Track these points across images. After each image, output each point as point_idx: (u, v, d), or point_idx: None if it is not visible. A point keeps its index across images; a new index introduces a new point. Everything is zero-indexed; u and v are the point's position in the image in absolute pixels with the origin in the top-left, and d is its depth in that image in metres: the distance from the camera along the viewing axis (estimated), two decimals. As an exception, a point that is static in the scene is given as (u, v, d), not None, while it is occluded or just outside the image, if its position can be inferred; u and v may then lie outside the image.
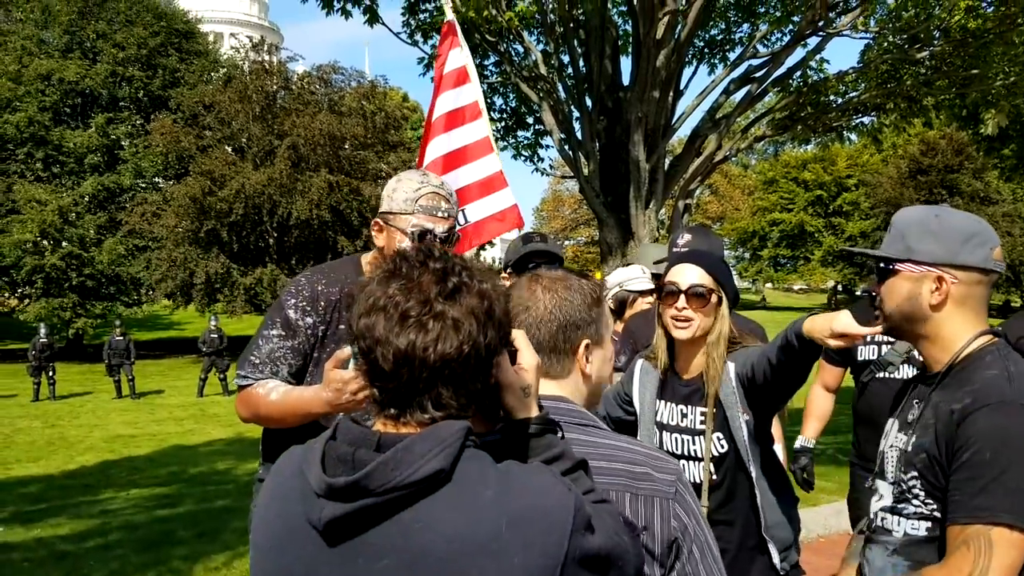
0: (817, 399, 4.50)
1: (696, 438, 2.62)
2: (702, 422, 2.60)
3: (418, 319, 1.19)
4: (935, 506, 1.82)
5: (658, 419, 2.72)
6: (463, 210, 4.63)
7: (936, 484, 1.80)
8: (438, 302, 1.20)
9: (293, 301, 2.50)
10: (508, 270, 3.42)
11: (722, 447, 2.59)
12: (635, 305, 4.29)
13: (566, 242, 59.02)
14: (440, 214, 2.46)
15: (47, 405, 18.56)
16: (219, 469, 10.81)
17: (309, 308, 2.49)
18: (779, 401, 2.65)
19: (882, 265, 1.93)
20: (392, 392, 1.23)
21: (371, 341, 1.21)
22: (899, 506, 1.90)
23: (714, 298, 2.59)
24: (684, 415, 2.65)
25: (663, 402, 2.72)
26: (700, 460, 2.63)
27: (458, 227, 4.59)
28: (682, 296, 2.57)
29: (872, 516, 2.02)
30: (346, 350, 2.09)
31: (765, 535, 2.58)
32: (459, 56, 4.85)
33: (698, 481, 2.62)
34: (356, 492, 1.16)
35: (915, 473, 1.84)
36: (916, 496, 1.85)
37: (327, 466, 1.22)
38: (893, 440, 1.99)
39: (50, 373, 19.57)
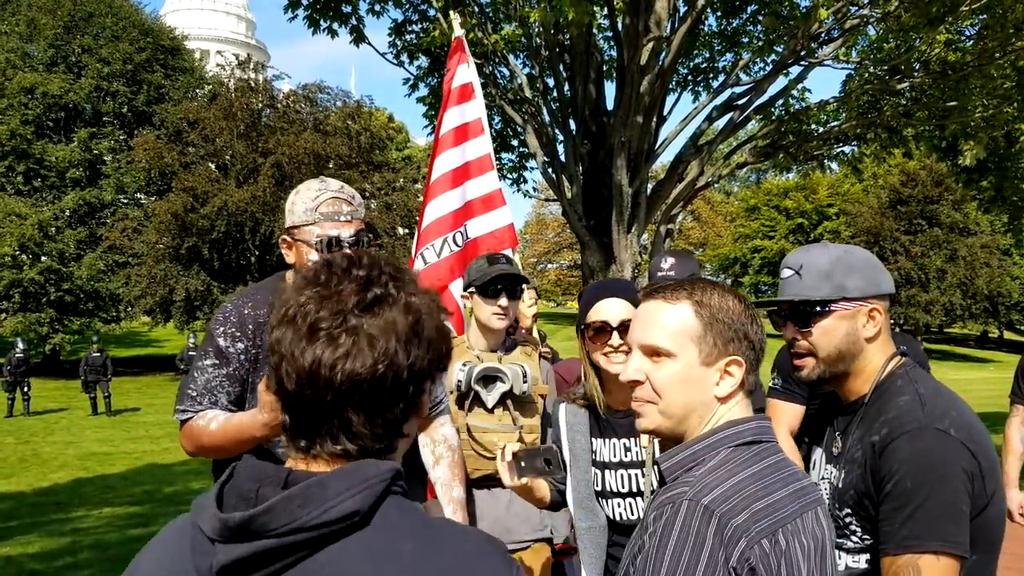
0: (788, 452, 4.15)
1: (645, 470, 2.49)
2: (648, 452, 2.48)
3: (328, 332, 1.04)
4: (871, 541, 1.83)
5: (597, 459, 2.56)
6: (465, 225, 4.60)
7: (869, 517, 1.82)
8: (353, 314, 1.05)
9: (221, 329, 2.41)
10: (471, 290, 3.12)
11: None
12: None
13: (549, 265, 59.10)
14: (343, 218, 2.36)
15: (21, 421, 18.29)
16: (194, 489, 10.67)
17: (239, 333, 2.40)
18: None
19: (817, 309, 1.90)
20: (299, 417, 1.08)
21: (278, 356, 1.07)
22: (838, 540, 1.90)
23: None
24: (628, 448, 2.51)
25: (601, 440, 2.57)
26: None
27: (455, 247, 4.55)
28: (615, 333, 2.46)
29: None
30: None
31: None
32: (466, 72, 4.84)
33: None
34: (254, 532, 0.98)
35: (849, 510, 1.86)
36: (854, 533, 1.86)
37: (224, 506, 1.04)
38: (823, 472, 2.01)
39: (25, 388, 19.33)
